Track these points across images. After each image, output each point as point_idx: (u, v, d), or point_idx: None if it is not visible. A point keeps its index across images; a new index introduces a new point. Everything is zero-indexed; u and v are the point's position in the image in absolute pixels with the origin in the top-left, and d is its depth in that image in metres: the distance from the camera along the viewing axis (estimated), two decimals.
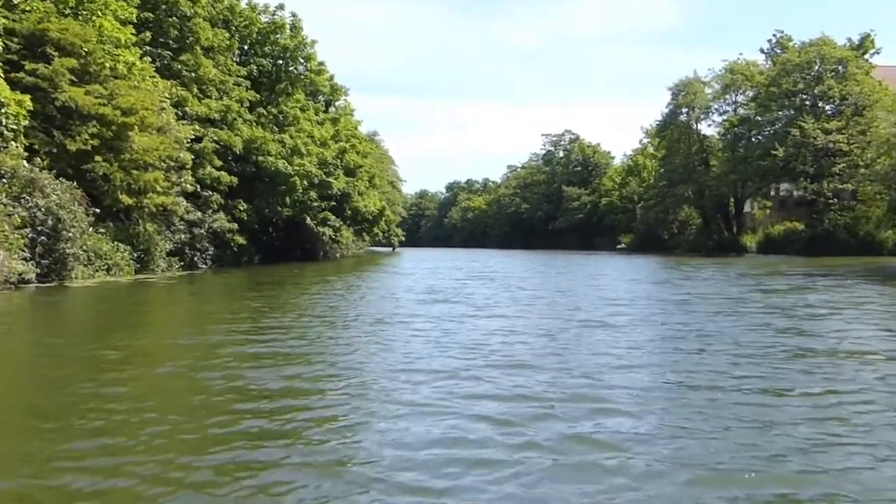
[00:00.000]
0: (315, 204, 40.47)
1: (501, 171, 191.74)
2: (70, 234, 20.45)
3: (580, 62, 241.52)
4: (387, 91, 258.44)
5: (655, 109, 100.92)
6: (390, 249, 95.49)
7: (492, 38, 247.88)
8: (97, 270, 22.86)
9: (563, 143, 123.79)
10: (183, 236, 28.95)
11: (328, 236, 43.92)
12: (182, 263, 28.75)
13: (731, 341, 9.53)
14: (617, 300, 16.49)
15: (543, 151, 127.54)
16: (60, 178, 21.02)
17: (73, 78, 23.06)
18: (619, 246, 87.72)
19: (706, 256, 53.15)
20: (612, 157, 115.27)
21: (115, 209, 25.09)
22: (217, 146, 31.65)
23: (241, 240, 33.61)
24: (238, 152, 33.01)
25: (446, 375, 7.27)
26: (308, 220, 41.63)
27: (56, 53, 22.51)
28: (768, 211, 69.49)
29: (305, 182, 37.08)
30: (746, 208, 66.45)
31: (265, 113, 37.67)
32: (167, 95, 27.27)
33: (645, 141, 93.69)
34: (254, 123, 35.30)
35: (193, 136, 29.01)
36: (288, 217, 40.72)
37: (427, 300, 16.09)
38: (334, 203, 42.78)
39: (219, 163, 30.94)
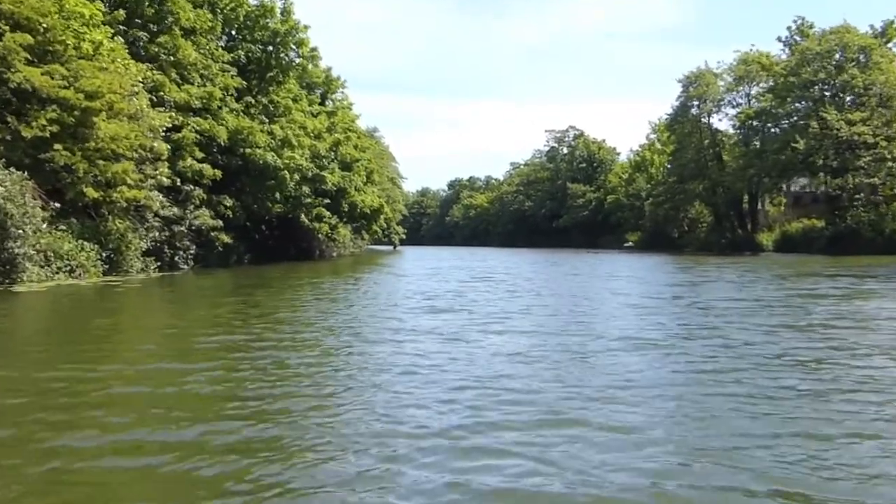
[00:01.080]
0: (308, 200, 37.94)
1: (504, 168, 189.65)
2: (20, 232, 18.00)
3: (582, 59, 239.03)
4: (388, 89, 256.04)
5: (658, 107, 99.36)
6: (391, 248, 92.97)
7: (493, 35, 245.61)
8: (57, 272, 20.43)
9: (567, 139, 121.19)
10: (159, 234, 26.47)
11: (324, 234, 41.35)
12: (159, 264, 26.27)
13: (832, 374, 7.03)
14: (645, 307, 14.01)
15: (547, 148, 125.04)
16: (11, 168, 18.60)
17: (29, 57, 20.62)
18: (625, 244, 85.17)
19: (720, 255, 50.57)
20: (618, 154, 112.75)
21: (80, 204, 22.65)
22: (199, 137, 29.12)
23: (226, 238, 31.11)
24: (223, 143, 30.48)
25: (445, 437, 4.80)
26: (302, 216, 39.10)
27: (8, 28, 20.05)
28: (783, 208, 66.97)
29: (297, 176, 34.53)
30: (759, 205, 63.89)
31: (254, 102, 35.14)
32: (141, 79, 24.76)
33: (652, 136, 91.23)
34: (241, 113, 32.78)
35: (171, 125, 26.51)
36: (280, 214, 38.22)
37: (426, 309, 13.61)
38: (329, 199, 40.25)
39: (200, 154, 28.42)
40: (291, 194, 37.28)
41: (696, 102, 63.73)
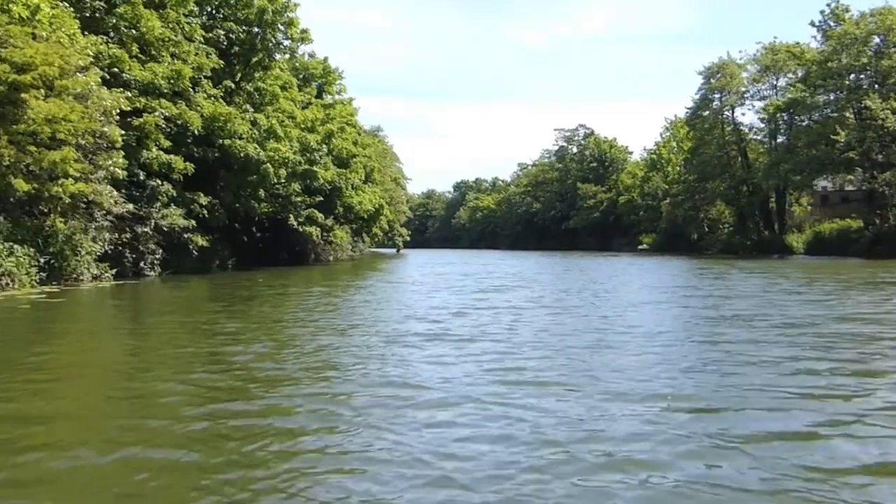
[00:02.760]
0: (298, 199, 34.07)
1: (510, 170, 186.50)
2: None
3: (588, 62, 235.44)
4: (392, 93, 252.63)
5: (665, 109, 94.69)
6: (394, 251, 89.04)
7: (496, 38, 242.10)
8: None
9: (576, 138, 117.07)
10: (119, 236, 22.66)
11: (316, 237, 37.43)
12: (114, 271, 22.43)
13: None
14: (741, 339, 9.98)
15: (556, 147, 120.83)
16: None
17: None
18: (640, 246, 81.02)
19: (749, 258, 46.53)
20: (630, 153, 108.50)
21: (11, 199, 18.85)
22: (168, 125, 25.33)
23: (201, 240, 27.27)
24: (197, 132, 26.65)
25: None
26: (291, 218, 35.22)
27: None
28: (808, 208, 62.85)
29: (284, 171, 30.62)
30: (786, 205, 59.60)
31: (235, 88, 31.28)
32: (91, 53, 20.94)
33: (666, 134, 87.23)
34: (219, 99, 28.92)
35: (130, 108, 22.70)
36: (268, 214, 34.42)
37: (429, 339, 9.66)
38: (322, 198, 36.37)
39: (168, 144, 24.61)
40: (280, 192, 33.52)
41: (718, 95, 59.65)
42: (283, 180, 32.06)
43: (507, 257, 58.36)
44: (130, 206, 21.59)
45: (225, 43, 31.49)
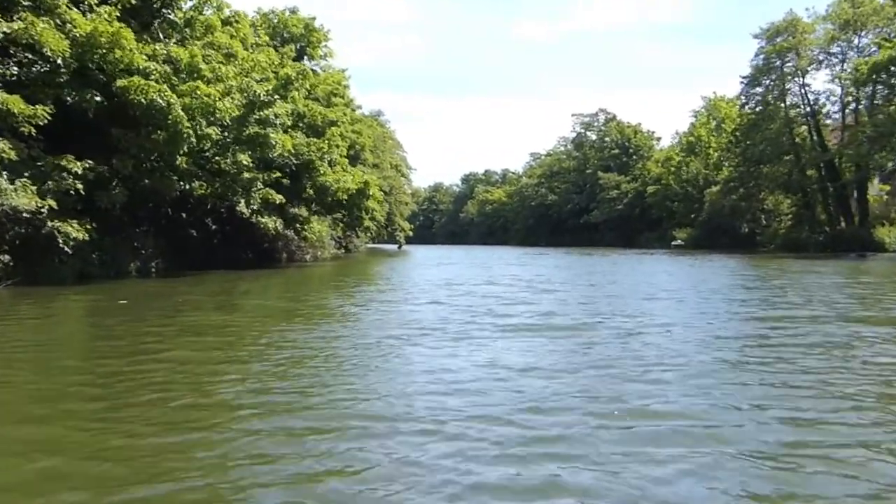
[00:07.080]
0: (248, 175, 24.16)
1: (522, 161, 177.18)
2: None
3: (596, 56, 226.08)
4: (397, 88, 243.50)
5: (673, 104, 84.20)
6: (395, 248, 78.99)
7: (504, 32, 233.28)
8: None
9: (596, 123, 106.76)
10: None
11: (274, 229, 27.42)
12: None
13: None
14: None
15: (573, 134, 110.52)
16: None
17: None
18: (674, 242, 70.62)
19: (829, 257, 36.62)
20: (658, 139, 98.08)
21: None
22: (16, 50, 15.60)
23: (76, 231, 17.43)
24: (66, 63, 16.86)
25: None
26: (242, 203, 25.36)
27: None
28: (885, 197, 52.90)
29: (214, 130, 20.60)
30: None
31: (150, 12, 21.40)
32: None
33: (702, 115, 77.01)
34: (115, 21, 18.98)
35: None
36: (208, 195, 24.58)
37: None
38: (282, 175, 26.42)
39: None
40: (221, 165, 23.64)
41: (779, 61, 49.36)
42: (224, 144, 22.17)
43: (525, 256, 48.03)
44: None
45: None
